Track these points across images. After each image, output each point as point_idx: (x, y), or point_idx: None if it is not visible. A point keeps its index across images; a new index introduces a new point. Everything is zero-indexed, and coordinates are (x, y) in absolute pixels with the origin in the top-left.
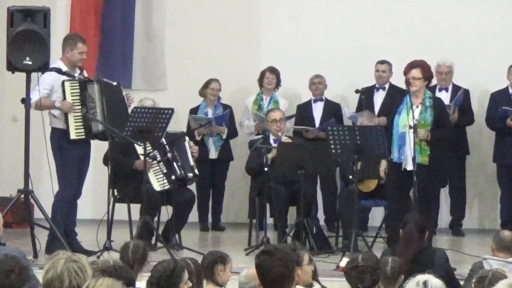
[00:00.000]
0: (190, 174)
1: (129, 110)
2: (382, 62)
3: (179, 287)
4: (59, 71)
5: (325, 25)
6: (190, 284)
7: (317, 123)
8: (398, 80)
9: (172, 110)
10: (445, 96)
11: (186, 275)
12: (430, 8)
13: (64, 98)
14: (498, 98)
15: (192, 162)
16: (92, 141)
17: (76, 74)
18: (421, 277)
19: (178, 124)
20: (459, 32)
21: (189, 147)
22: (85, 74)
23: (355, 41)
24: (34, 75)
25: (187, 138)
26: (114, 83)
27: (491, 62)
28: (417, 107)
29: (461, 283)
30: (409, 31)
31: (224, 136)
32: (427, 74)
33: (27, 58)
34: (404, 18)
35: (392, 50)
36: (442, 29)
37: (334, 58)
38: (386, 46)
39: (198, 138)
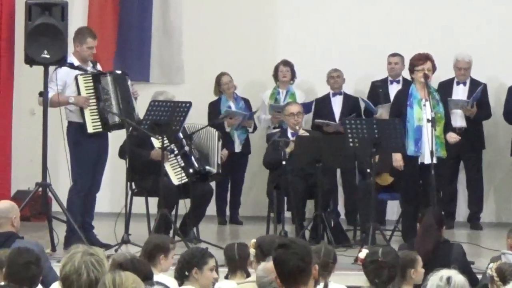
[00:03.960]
0: (212, 169)
1: (135, 103)
2: (394, 54)
3: (203, 269)
4: (71, 65)
5: (340, 18)
6: (216, 275)
7: (337, 117)
8: None
9: (190, 103)
10: (462, 90)
11: (212, 262)
12: (447, 1)
13: (79, 93)
14: None
15: (219, 161)
16: (109, 134)
17: (89, 68)
18: (445, 272)
19: (195, 117)
20: (476, 25)
21: (220, 148)
22: (99, 67)
23: (371, 34)
24: (51, 68)
25: (221, 140)
26: (119, 72)
27: (508, 56)
28: (426, 100)
29: (479, 277)
30: (426, 25)
31: (251, 130)
32: (435, 68)
33: (45, 52)
34: (420, 11)
35: (408, 43)
36: (458, 22)
37: (349, 51)
38: (401, 40)
39: (228, 129)
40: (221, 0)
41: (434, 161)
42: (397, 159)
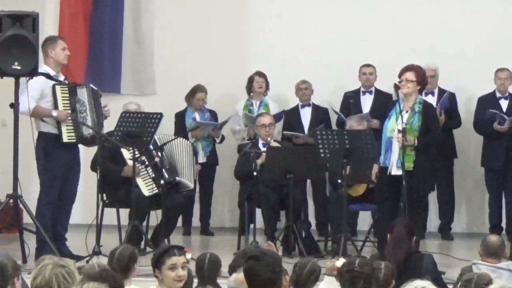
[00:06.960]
0: (188, 183)
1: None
2: (367, 65)
3: (161, 269)
4: (47, 75)
5: (313, 30)
6: (180, 272)
7: (305, 129)
8: (384, 84)
9: (161, 114)
10: (431, 100)
11: (171, 261)
12: (416, 12)
13: (55, 102)
14: (486, 102)
15: (195, 177)
16: (80, 147)
17: (61, 79)
18: (418, 283)
19: (167, 128)
20: (446, 36)
21: (196, 164)
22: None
23: (342, 45)
24: (22, 79)
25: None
26: (95, 88)
27: (477, 66)
28: (406, 111)
29: (450, 287)
30: (396, 35)
31: (218, 141)
32: (420, 79)
33: (16, 63)
34: (390, 22)
35: (379, 54)
36: (428, 33)
37: (321, 62)
38: (372, 50)
39: (192, 140)
40: (193, 11)
41: (401, 172)
42: (373, 172)
